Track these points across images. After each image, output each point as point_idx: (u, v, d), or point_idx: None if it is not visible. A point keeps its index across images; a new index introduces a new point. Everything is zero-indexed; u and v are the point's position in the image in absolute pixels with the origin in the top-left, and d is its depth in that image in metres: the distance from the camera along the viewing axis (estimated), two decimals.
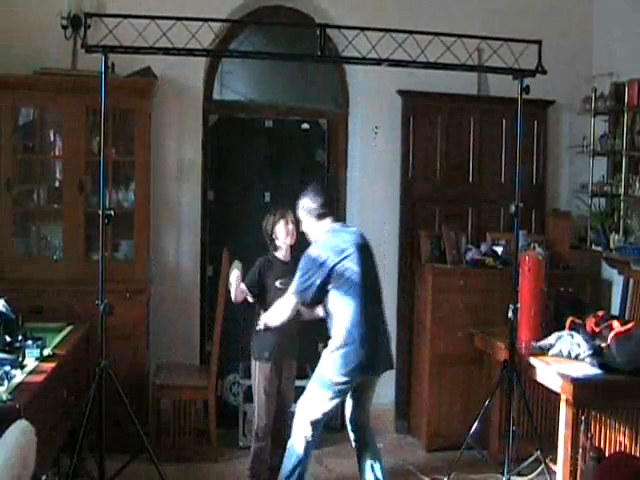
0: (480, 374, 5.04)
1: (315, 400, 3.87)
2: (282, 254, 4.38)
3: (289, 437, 3.98)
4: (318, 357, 3.97)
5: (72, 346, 4.00)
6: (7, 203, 4.77)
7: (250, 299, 4.36)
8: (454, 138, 5.47)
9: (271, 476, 4.25)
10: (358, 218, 5.47)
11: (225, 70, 5.70)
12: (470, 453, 4.43)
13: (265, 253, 4.42)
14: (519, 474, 4.31)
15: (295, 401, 4.19)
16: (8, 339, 3.63)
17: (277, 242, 4.37)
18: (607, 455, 3.65)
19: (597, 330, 4.10)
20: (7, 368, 3.31)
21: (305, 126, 5.58)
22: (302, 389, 4.07)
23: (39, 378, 3.34)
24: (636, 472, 3.24)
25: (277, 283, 4.29)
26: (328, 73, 5.61)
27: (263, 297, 4.32)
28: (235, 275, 4.29)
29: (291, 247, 4.39)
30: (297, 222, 4.20)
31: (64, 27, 4.92)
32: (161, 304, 5.17)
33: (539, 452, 4.11)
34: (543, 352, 4.16)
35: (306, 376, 4.54)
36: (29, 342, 3.67)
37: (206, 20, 3.92)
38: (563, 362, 3.97)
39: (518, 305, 4.25)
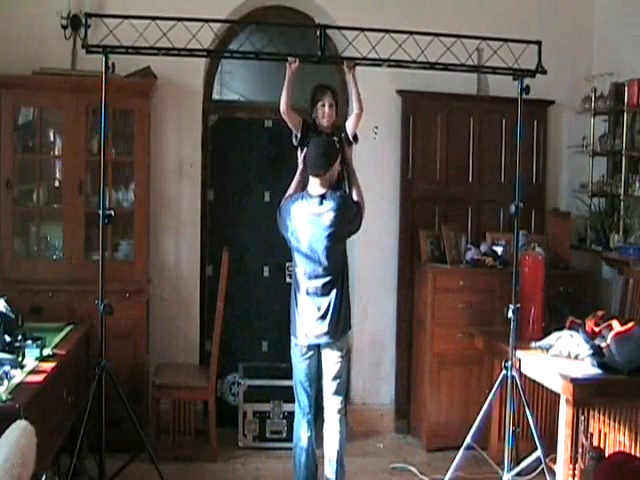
0: (480, 374, 5.04)
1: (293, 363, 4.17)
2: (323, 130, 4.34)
3: None
4: None
5: (72, 346, 3.99)
6: (7, 203, 4.78)
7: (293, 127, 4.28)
8: (454, 138, 5.47)
9: None
10: None
11: (225, 70, 5.71)
12: (470, 453, 4.43)
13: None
14: (519, 474, 4.30)
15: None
16: (8, 339, 3.62)
17: (317, 120, 4.32)
18: (607, 455, 3.64)
19: (597, 330, 4.10)
20: (7, 368, 3.30)
21: None
22: None
23: (39, 378, 3.33)
24: (636, 472, 3.24)
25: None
26: (328, 73, 5.61)
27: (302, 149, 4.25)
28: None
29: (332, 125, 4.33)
30: (335, 105, 4.29)
31: (64, 27, 4.93)
32: (161, 304, 5.18)
33: (539, 452, 4.11)
34: (543, 352, 4.16)
35: None
36: (29, 342, 3.66)
37: (206, 21, 3.92)
38: (563, 362, 3.96)
39: (518, 305, 4.25)
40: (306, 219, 3.98)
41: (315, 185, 4.00)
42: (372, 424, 5.45)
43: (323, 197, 3.98)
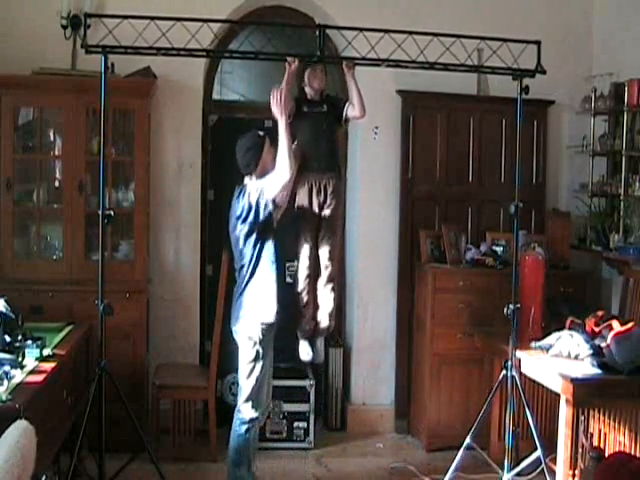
0: (480, 374, 5.04)
1: None
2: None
3: None
4: None
5: (72, 346, 3.99)
6: (7, 203, 4.78)
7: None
8: (454, 138, 5.47)
9: None
10: (358, 218, 5.48)
11: (225, 70, 5.70)
12: (470, 453, 4.43)
13: None
14: (519, 474, 4.30)
15: None
16: (8, 339, 3.62)
17: (306, 89, 4.33)
18: (607, 455, 3.65)
19: (597, 330, 4.10)
20: (7, 368, 3.30)
21: None
22: None
23: (39, 378, 3.33)
24: (636, 472, 3.24)
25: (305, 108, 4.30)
26: (327, 73, 5.60)
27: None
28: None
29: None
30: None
31: (64, 27, 4.93)
32: (161, 304, 5.18)
33: (539, 452, 4.11)
34: (543, 352, 4.16)
35: None
36: (29, 342, 3.66)
37: (206, 21, 3.91)
38: (563, 362, 3.96)
39: (518, 305, 4.25)
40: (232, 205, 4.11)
41: (247, 179, 4.10)
42: (372, 424, 5.45)
43: (243, 188, 4.10)
